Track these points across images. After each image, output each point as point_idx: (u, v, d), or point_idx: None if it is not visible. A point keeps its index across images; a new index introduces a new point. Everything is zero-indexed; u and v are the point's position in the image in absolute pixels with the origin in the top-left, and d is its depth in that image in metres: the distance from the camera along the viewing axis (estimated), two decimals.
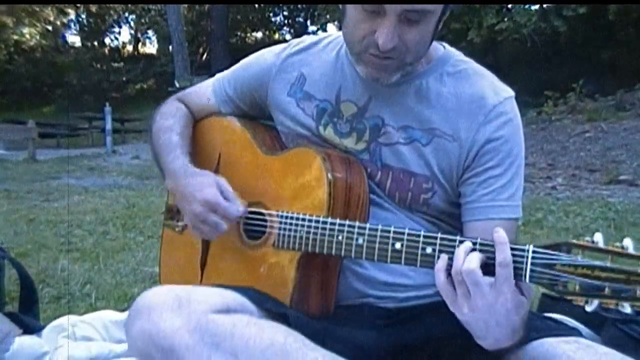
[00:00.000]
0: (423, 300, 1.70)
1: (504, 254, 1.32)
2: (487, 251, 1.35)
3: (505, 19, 15.77)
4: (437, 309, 1.54)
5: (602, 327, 2.02)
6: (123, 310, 2.53)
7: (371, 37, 1.53)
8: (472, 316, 1.36)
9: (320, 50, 1.87)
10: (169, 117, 1.99)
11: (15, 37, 30.65)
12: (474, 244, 1.37)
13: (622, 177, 8.03)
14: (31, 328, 2.40)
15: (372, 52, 1.55)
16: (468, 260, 1.34)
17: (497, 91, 1.68)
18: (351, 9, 1.56)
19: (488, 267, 1.33)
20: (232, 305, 1.49)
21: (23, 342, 2.26)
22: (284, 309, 1.60)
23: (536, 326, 1.51)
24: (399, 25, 1.49)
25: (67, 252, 4.53)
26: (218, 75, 2.06)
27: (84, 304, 3.29)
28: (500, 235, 1.34)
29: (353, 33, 1.58)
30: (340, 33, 1.81)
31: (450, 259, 1.38)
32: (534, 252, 1.31)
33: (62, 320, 2.39)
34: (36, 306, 2.67)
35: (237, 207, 1.70)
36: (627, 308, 1.23)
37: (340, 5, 1.62)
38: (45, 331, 2.37)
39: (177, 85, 17.47)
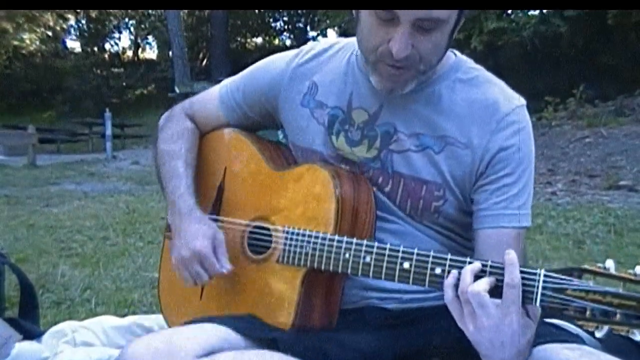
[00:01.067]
0: (426, 302, 1.69)
1: (512, 275, 1.32)
2: (497, 273, 1.36)
3: (505, 24, 15.79)
4: (440, 313, 1.53)
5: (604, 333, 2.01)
6: (123, 316, 2.53)
7: (385, 46, 1.52)
8: (478, 334, 1.36)
9: (331, 56, 1.84)
10: (176, 140, 1.95)
11: (15, 42, 30.65)
12: (484, 265, 1.38)
13: (622, 183, 8.03)
14: (31, 333, 2.40)
15: (387, 61, 1.54)
16: (477, 283, 1.34)
17: (509, 99, 1.68)
18: (365, 17, 1.55)
19: (497, 289, 1.34)
20: (215, 344, 1.48)
21: (23, 347, 2.26)
22: (272, 333, 1.59)
23: (538, 332, 1.50)
24: (413, 34, 1.48)
25: (67, 258, 4.53)
26: (225, 82, 2.02)
27: (84, 309, 3.29)
28: (511, 257, 1.34)
29: (368, 41, 1.57)
30: (350, 39, 1.81)
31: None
32: (545, 276, 1.31)
33: (62, 326, 2.39)
34: (36, 312, 2.67)
35: (224, 266, 1.70)
36: (637, 336, 1.23)
37: (354, 13, 1.61)
38: (45, 337, 2.36)
39: (177, 90, 17.52)
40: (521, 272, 1.32)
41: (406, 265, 1.45)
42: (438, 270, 1.41)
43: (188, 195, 1.83)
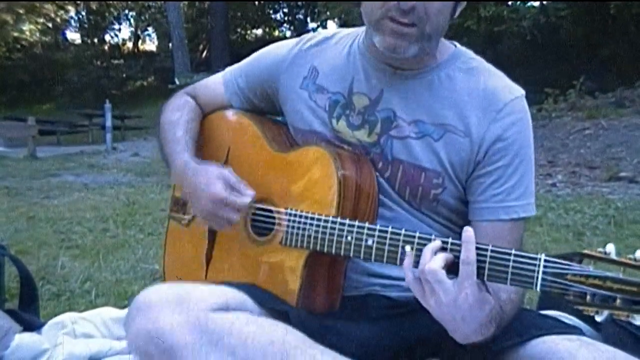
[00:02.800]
0: None
1: (468, 252, 1.36)
2: (456, 250, 1.39)
3: (504, 12, 15.76)
4: None
5: (601, 324, 2.01)
6: (123, 308, 2.53)
7: (391, 3, 1.52)
8: (439, 310, 1.39)
9: (333, 44, 1.86)
10: (175, 111, 1.99)
11: (15, 33, 30.62)
12: (444, 243, 1.41)
13: (622, 174, 8.02)
14: (31, 325, 2.40)
15: (393, 15, 1.53)
16: (433, 260, 1.37)
17: (509, 89, 1.69)
18: None
19: (455, 266, 1.38)
20: (231, 303, 1.49)
21: (23, 339, 2.26)
22: (285, 306, 1.60)
23: (537, 324, 1.51)
24: None
25: (67, 249, 4.53)
26: (229, 68, 2.05)
27: (84, 301, 3.29)
28: (469, 234, 1.38)
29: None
30: (352, 30, 1.82)
31: (417, 257, 1.41)
32: (545, 260, 1.31)
33: (62, 317, 2.39)
34: (36, 303, 2.67)
35: (246, 196, 1.69)
36: (638, 320, 1.23)
37: None
38: (45, 328, 2.36)
39: (177, 82, 17.47)
40: (522, 257, 1.34)
41: (408, 248, 1.45)
42: (439, 244, 1.42)
43: (183, 153, 1.85)
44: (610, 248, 1.28)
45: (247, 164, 1.85)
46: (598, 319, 1.26)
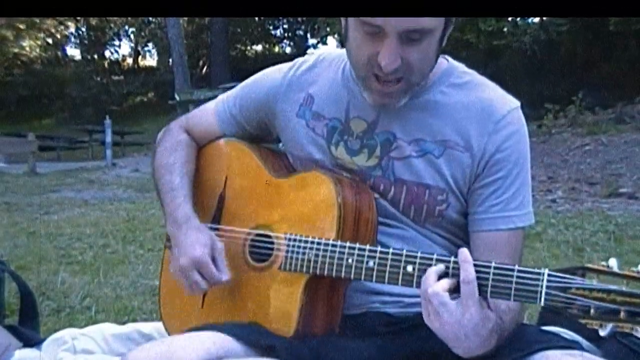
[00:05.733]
0: None
1: (466, 272, 1.37)
2: (458, 269, 1.40)
3: (505, 28, 15.83)
4: None
5: (602, 340, 2.01)
6: (123, 323, 2.52)
7: (374, 60, 1.53)
8: (443, 330, 1.40)
9: (326, 68, 1.85)
10: (171, 153, 1.95)
11: (15, 49, 30.70)
12: (447, 262, 1.42)
13: (622, 190, 8.02)
14: (31, 341, 2.39)
15: (377, 74, 1.55)
16: (436, 284, 1.39)
17: (505, 101, 1.70)
18: (352, 31, 1.56)
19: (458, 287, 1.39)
20: (214, 351, 1.48)
21: (23, 355, 2.26)
22: (270, 339, 1.58)
23: (538, 339, 1.51)
24: (401, 45, 1.49)
25: (67, 265, 4.54)
26: (220, 97, 2.03)
27: (84, 316, 3.29)
28: (464, 255, 1.39)
29: (357, 55, 1.58)
30: (344, 50, 1.82)
31: (419, 277, 1.43)
32: (549, 275, 1.32)
33: (62, 333, 2.38)
34: (36, 319, 2.67)
35: (223, 274, 1.70)
36: None
37: (342, 29, 1.63)
38: (45, 344, 2.36)
39: (177, 98, 17.47)
40: (526, 272, 1.34)
41: (410, 268, 1.46)
42: (442, 269, 1.42)
43: (185, 205, 1.82)
44: (613, 262, 1.29)
45: (245, 191, 1.84)
46: (602, 333, 1.26)
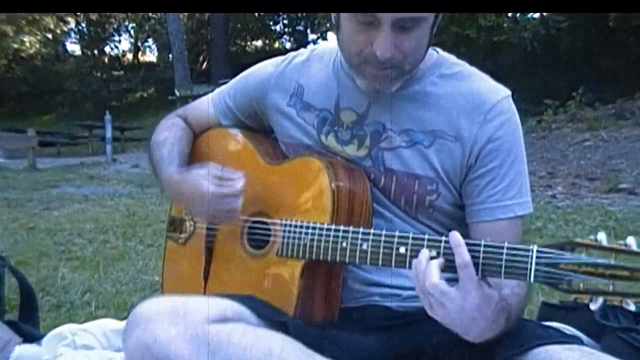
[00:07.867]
0: None
1: (462, 256, 1.36)
2: (449, 253, 1.40)
3: (505, 24, 15.81)
4: None
5: (601, 335, 2.02)
6: (123, 319, 2.52)
7: (368, 49, 1.55)
8: (449, 318, 1.39)
9: (317, 60, 1.88)
10: (164, 131, 2.00)
11: (15, 45, 30.68)
12: (438, 241, 1.42)
13: (622, 186, 8.02)
14: (31, 336, 2.40)
15: (371, 63, 1.56)
16: (429, 275, 1.37)
17: (495, 90, 1.71)
18: (345, 22, 1.58)
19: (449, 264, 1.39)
20: (229, 314, 1.49)
21: (23, 350, 2.26)
22: (282, 317, 1.60)
23: (538, 334, 1.52)
24: (394, 34, 1.51)
25: (67, 261, 4.53)
26: (218, 89, 2.08)
27: (84, 312, 3.28)
28: (456, 238, 1.39)
29: (350, 45, 1.60)
30: (335, 44, 1.83)
31: (412, 257, 1.43)
32: (538, 251, 1.33)
33: (62, 329, 2.38)
34: (36, 314, 2.67)
35: (237, 180, 1.71)
36: (631, 305, 1.26)
37: (334, 19, 1.64)
38: (45, 340, 2.36)
39: (178, 93, 17.51)
40: (514, 249, 1.35)
41: (402, 250, 1.46)
42: (434, 253, 1.42)
43: (170, 167, 1.86)
44: (602, 236, 1.30)
45: None
46: (592, 307, 1.29)
